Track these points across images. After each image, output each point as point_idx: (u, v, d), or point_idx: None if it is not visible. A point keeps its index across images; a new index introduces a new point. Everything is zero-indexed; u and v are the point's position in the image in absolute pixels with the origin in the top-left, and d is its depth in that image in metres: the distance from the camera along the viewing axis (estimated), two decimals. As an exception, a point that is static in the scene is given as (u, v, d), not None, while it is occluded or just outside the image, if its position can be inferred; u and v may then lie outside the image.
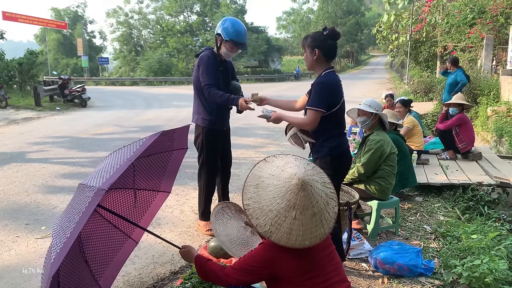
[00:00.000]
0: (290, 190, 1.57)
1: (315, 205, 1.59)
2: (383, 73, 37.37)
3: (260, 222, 1.57)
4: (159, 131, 2.08)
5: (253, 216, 1.59)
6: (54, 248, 1.63)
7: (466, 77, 7.61)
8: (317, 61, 2.60)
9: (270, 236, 1.56)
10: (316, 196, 1.60)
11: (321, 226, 1.61)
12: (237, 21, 3.39)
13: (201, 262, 1.89)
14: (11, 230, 3.79)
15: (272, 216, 1.56)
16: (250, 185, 1.65)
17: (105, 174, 1.82)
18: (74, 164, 6.30)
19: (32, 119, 12.06)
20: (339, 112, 2.62)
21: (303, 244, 1.57)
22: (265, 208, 1.58)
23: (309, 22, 57.10)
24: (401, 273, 2.88)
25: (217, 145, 3.60)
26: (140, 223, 2.40)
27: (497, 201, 4.49)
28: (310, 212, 1.58)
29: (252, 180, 1.67)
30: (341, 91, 2.64)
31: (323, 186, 1.66)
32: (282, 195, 1.57)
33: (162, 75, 34.02)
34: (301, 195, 1.57)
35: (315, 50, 2.57)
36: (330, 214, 1.65)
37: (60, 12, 47.45)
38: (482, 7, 13.22)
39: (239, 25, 3.35)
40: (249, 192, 1.64)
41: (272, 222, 1.56)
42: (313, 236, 1.58)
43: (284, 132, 2.82)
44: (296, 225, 1.56)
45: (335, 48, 2.62)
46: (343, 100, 2.63)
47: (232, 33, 3.30)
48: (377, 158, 3.54)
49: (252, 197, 1.62)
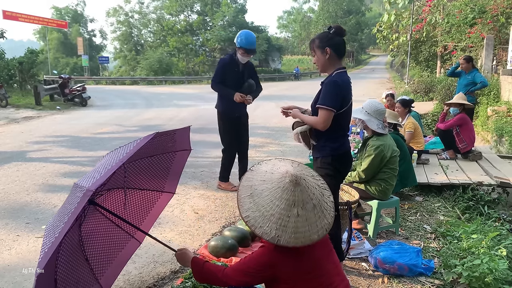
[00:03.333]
0: (286, 188, 1.57)
1: (313, 198, 1.59)
2: (383, 73, 37.37)
3: (265, 229, 1.54)
4: (153, 132, 2.08)
5: (255, 226, 1.55)
6: (43, 247, 1.65)
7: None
8: (330, 60, 2.56)
9: (278, 241, 1.53)
10: (311, 188, 1.60)
11: (324, 217, 1.61)
12: (250, 33, 4.48)
13: (199, 264, 1.87)
14: (11, 229, 3.79)
15: (275, 220, 1.54)
16: (244, 196, 1.62)
17: (96, 174, 1.83)
18: (74, 163, 6.30)
19: (32, 118, 12.06)
20: (346, 114, 2.60)
21: (312, 239, 1.56)
22: (265, 214, 1.55)
23: (309, 21, 57.08)
24: (401, 272, 2.88)
25: (230, 127, 4.67)
26: (143, 223, 2.41)
27: (497, 201, 4.49)
28: (310, 206, 1.58)
29: (244, 192, 1.63)
30: (351, 92, 2.62)
31: (314, 179, 1.67)
32: (280, 196, 1.56)
33: (162, 75, 34.03)
34: (298, 191, 1.57)
35: (326, 49, 2.54)
36: (328, 203, 1.66)
37: (61, 11, 47.46)
38: (482, 7, 13.20)
39: (250, 36, 4.44)
40: (245, 204, 1.60)
41: (277, 225, 1.53)
42: (319, 228, 1.58)
43: (292, 127, 2.79)
44: (301, 222, 1.55)
45: (344, 44, 2.61)
46: (351, 102, 2.61)
47: (242, 42, 4.39)
48: (377, 163, 3.53)
49: (250, 207, 1.59)
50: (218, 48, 40.45)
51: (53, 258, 1.65)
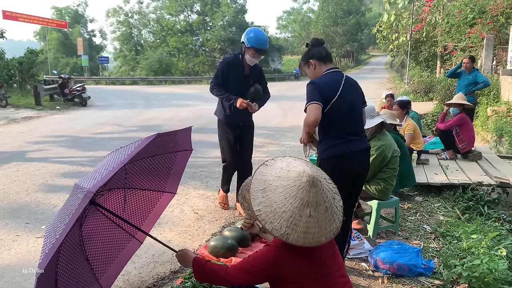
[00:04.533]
0: (301, 188, 1.56)
1: (326, 200, 1.59)
2: (383, 73, 37.35)
3: (275, 225, 1.54)
4: (154, 133, 2.08)
5: (266, 221, 1.55)
6: (43, 248, 1.65)
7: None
8: (317, 69, 2.66)
9: (287, 239, 1.53)
10: (325, 191, 1.61)
11: (333, 220, 1.61)
12: (260, 31, 3.84)
13: (200, 264, 1.86)
14: (11, 229, 3.79)
15: (287, 217, 1.53)
16: (257, 190, 1.61)
17: (97, 175, 1.83)
18: (74, 163, 6.30)
19: (32, 118, 12.06)
20: (336, 111, 2.51)
21: (320, 241, 1.56)
22: (277, 210, 1.55)
23: (309, 21, 57.02)
24: (401, 272, 2.89)
25: (230, 136, 4.05)
26: (144, 223, 2.41)
27: (497, 201, 4.49)
28: (323, 208, 1.58)
29: (257, 186, 1.63)
30: (336, 88, 2.52)
31: (327, 182, 1.68)
32: (294, 194, 1.56)
33: (162, 75, 34.03)
34: (313, 192, 1.57)
35: (310, 61, 2.68)
36: (338, 208, 1.66)
37: (61, 11, 47.44)
38: (482, 7, 13.20)
39: (262, 34, 3.79)
40: (257, 198, 1.59)
41: (288, 223, 1.53)
42: (328, 231, 1.58)
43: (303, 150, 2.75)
44: (312, 223, 1.55)
45: (325, 50, 2.69)
46: (338, 98, 2.50)
47: (253, 41, 3.71)
48: (378, 163, 3.54)
49: (262, 202, 1.58)
50: (218, 48, 40.46)
51: (54, 258, 1.65)
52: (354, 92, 2.66)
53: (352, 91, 2.64)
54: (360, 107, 2.71)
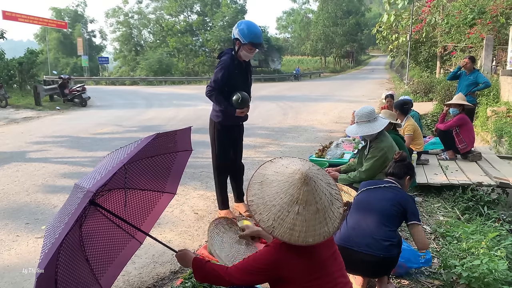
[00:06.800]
0: (293, 184, 1.58)
1: (318, 202, 1.59)
2: (383, 73, 37.36)
3: (263, 217, 1.58)
4: (154, 133, 2.08)
5: (256, 211, 1.60)
6: (43, 248, 1.65)
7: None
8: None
9: (273, 232, 1.56)
10: (319, 192, 1.60)
11: (325, 224, 1.59)
12: (252, 23, 3.62)
13: (201, 263, 1.86)
14: (11, 230, 3.79)
15: (275, 211, 1.56)
16: (255, 182, 1.67)
17: (97, 175, 1.83)
18: (74, 164, 6.30)
19: (32, 119, 12.06)
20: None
21: (306, 241, 1.56)
22: (268, 203, 1.59)
23: (309, 22, 57.07)
24: (400, 270, 2.88)
25: (227, 139, 3.93)
26: (144, 223, 2.41)
27: (497, 201, 4.49)
28: (313, 208, 1.57)
29: (256, 178, 1.69)
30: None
31: (328, 186, 1.67)
32: (285, 189, 1.58)
33: (162, 75, 34.04)
34: (304, 190, 1.57)
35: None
36: (334, 213, 1.64)
37: (61, 12, 47.45)
38: (482, 8, 13.22)
39: (254, 27, 3.59)
40: (253, 189, 1.65)
41: (275, 217, 1.56)
42: (316, 233, 1.57)
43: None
44: (299, 221, 1.55)
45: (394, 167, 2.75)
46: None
47: (248, 35, 3.54)
48: (379, 165, 3.55)
49: (256, 193, 1.63)
50: (218, 48, 40.44)
51: (54, 258, 1.65)
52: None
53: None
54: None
